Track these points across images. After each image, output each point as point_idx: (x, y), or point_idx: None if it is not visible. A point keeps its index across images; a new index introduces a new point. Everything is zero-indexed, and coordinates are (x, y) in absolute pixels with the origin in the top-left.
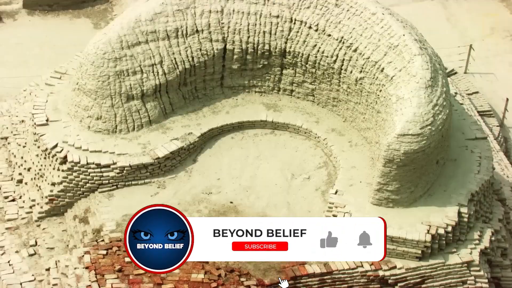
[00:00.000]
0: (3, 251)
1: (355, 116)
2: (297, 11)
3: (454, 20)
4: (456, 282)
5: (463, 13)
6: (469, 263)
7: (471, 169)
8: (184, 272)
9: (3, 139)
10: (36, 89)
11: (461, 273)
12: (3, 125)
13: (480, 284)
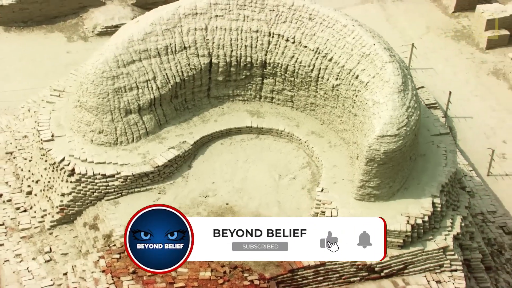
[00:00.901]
0: (21, 259)
1: (332, 119)
2: (274, 26)
3: (393, 20)
4: (434, 266)
5: (401, 14)
6: (445, 248)
7: (439, 162)
8: (193, 271)
9: (8, 153)
10: (34, 106)
11: (438, 258)
12: (7, 141)
13: (455, 267)
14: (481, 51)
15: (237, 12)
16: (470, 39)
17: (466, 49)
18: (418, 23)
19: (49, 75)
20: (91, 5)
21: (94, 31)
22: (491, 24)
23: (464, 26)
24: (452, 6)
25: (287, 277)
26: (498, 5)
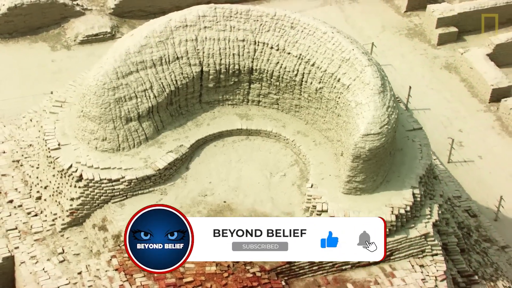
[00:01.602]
0: (36, 260)
1: (316, 119)
2: (259, 35)
3: (352, 21)
4: (417, 252)
5: (358, 14)
6: (426, 235)
7: (415, 156)
8: (199, 266)
9: (14, 161)
10: (35, 116)
11: (420, 244)
12: (13, 150)
13: (436, 252)
14: (433, 47)
15: (224, 23)
16: (422, 36)
17: (419, 46)
18: (374, 22)
19: (37, 83)
20: (72, 16)
21: (76, 40)
22: (441, 22)
23: (416, 24)
24: (404, 6)
25: (286, 268)
26: (447, 4)
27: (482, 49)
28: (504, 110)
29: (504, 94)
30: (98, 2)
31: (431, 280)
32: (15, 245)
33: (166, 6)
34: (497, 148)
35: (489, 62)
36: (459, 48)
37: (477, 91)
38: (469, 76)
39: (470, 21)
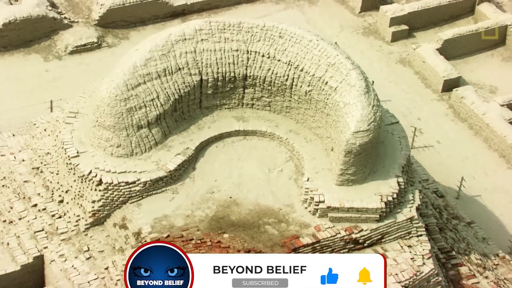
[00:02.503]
0: (65, 258)
1: (305, 119)
2: (251, 44)
3: (313, 22)
4: (404, 234)
5: (317, 16)
6: (411, 218)
7: (396, 147)
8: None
9: (34, 169)
10: (49, 126)
11: (407, 227)
12: (31, 158)
13: (420, 233)
14: (387, 44)
15: (219, 35)
16: (377, 34)
17: (375, 43)
18: (333, 23)
19: (35, 92)
20: (61, 28)
21: (66, 50)
22: (394, 21)
23: (370, 24)
24: (358, 7)
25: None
26: (397, 5)
27: (432, 45)
28: (456, 99)
29: (454, 84)
30: (83, 15)
31: (419, 258)
32: (43, 245)
33: (145, 16)
34: (452, 133)
35: (439, 56)
36: (410, 44)
37: (430, 82)
38: (422, 69)
39: (418, 19)
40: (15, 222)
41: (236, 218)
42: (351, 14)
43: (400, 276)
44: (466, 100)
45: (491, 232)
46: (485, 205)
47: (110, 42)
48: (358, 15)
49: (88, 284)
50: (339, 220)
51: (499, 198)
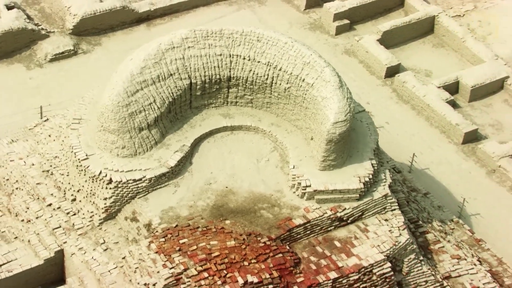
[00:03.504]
0: (84, 251)
1: (285, 112)
2: (232, 49)
3: (264, 21)
4: (380, 209)
5: (267, 15)
6: (385, 195)
7: (366, 133)
8: (221, 242)
9: (44, 171)
10: (53, 132)
11: (382, 203)
12: (40, 162)
13: (394, 207)
14: (332, 37)
15: (203, 42)
16: (322, 29)
17: (321, 37)
18: (282, 21)
19: (22, 99)
20: (39, 39)
21: (46, 58)
22: (337, 16)
23: (315, 20)
24: (303, 5)
25: (286, 235)
26: (339, 2)
27: (373, 36)
28: (398, 84)
29: (395, 71)
30: (58, 25)
31: (395, 230)
32: (63, 240)
33: (114, 23)
34: (397, 114)
35: (379, 46)
36: (352, 36)
37: (374, 70)
38: (365, 58)
39: (357, 14)
40: (33, 221)
41: (234, 206)
42: (297, 11)
43: (382, 247)
44: (408, 84)
45: (442, 200)
46: (433, 177)
47: (85, 49)
48: (304, 12)
49: (109, 273)
50: (325, 201)
51: (444, 170)
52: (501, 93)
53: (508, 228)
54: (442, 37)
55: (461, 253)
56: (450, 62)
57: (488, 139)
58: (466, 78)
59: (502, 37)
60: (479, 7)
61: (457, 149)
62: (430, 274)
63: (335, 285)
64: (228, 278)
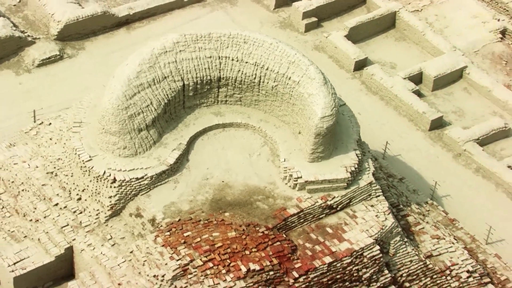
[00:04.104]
0: (93, 247)
1: (272, 109)
2: (221, 51)
3: (237, 21)
4: (366, 196)
5: (239, 15)
6: (370, 183)
7: (348, 126)
8: (222, 233)
9: (48, 173)
10: (54, 135)
11: (368, 190)
12: (44, 164)
13: (378, 194)
14: (302, 34)
15: (193, 45)
16: (292, 27)
17: (291, 34)
18: (253, 20)
19: (14, 103)
20: (26, 45)
21: (33, 64)
22: (305, 15)
23: (285, 18)
24: (272, 5)
25: (282, 224)
26: (306, 1)
27: (340, 32)
28: (367, 76)
29: (363, 64)
30: (42, 31)
31: (381, 215)
32: (71, 237)
33: (95, 28)
34: (368, 105)
35: (347, 41)
36: (320, 33)
37: (343, 64)
38: (334, 53)
39: (324, 11)
40: (41, 221)
41: (231, 199)
42: (267, 11)
43: (370, 231)
44: (376, 77)
45: (416, 184)
46: (405, 162)
47: (70, 53)
48: (273, 11)
49: (118, 267)
50: (315, 191)
51: (414, 156)
52: (461, 81)
53: (476, 207)
54: (404, 31)
55: (440, 233)
56: (412, 54)
57: (452, 125)
58: (429, 69)
59: (458, 30)
60: (435, 2)
61: (425, 135)
62: (414, 254)
63: (330, 269)
64: (232, 267)
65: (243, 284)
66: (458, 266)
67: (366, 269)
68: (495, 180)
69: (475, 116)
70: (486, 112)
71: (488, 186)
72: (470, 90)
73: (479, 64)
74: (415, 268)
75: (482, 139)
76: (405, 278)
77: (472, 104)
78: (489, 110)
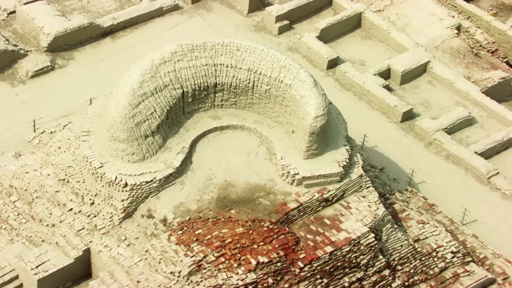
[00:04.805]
0: (110, 248)
1: (266, 111)
2: (216, 58)
3: (214, 26)
4: (357, 188)
5: (215, 21)
6: (361, 175)
7: (336, 123)
8: (230, 230)
9: (60, 180)
10: (62, 144)
11: (359, 182)
12: (55, 172)
13: (368, 185)
14: (275, 36)
15: (190, 55)
16: (266, 30)
17: (266, 37)
18: (229, 25)
19: (13, 114)
20: (19, 58)
21: (27, 75)
22: (278, 18)
23: (258, 22)
24: (246, 10)
25: (284, 218)
26: (278, 5)
27: (312, 33)
28: (340, 74)
29: (335, 63)
30: (33, 44)
31: (373, 205)
32: (88, 240)
33: (83, 38)
34: (342, 101)
35: (319, 42)
36: (292, 34)
37: (316, 63)
38: (308, 53)
39: (295, 14)
40: (57, 225)
41: (235, 197)
42: (241, 16)
43: (365, 220)
44: (348, 74)
45: (394, 173)
46: (382, 153)
47: (61, 64)
48: (247, 16)
49: (135, 266)
50: (312, 185)
51: (390, 146)
52: (425, 75)
53: (449, 192)
54: (369, 30)
55: (424, 218)
56: (378, 52)
57: (421, 116)
58: (396, 65)
59: (418, 27)
60: (395, 1)
61: (397, 127)
62: (404, 239)
63: (331, 257)
64: (242, 260)
65: (254, 276)
66: (443, 248)
67: (363, 256)
68: (464, 166)
69: (441, 107)
70: (450, 103)
71: (458, 171)
72: (434, 83)
73: (440, 58)
74: (406, 252)
75: (449, 128)
76: (397, 262)
77: (437, 96)
78: (452, 101)
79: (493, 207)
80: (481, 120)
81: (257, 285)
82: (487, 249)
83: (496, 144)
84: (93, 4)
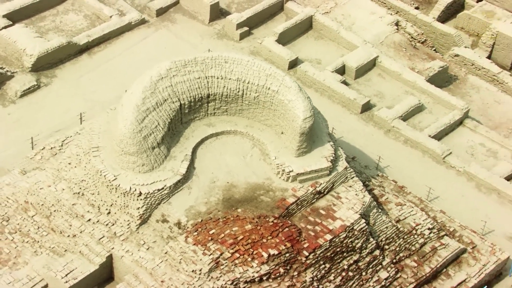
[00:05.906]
0: (131, 253)
1: (255, 115)
2: (207, 71)
3: (180, 37)
4: (344, 179)
5: (180, 32)
6: (346, 168)
7: (319, 121)
8: (240, 227)
9: (75, 194)
10: (72, 160)
11: (345, 174)
12: (69, 186)
13: (353, 176)
14: (237, 42)
15: (183, 70)
16: (227, 36)
17: (228, 43)
18: (194, 34)
19: (8, 133)
20: (6, 79)
21: (16, 95)
22: (239, 25)
23: (219, 30)
24: (207, 20)
25: (285, 213)
26: (238, 14)
27: (271, 38)
28: (301, 73)
29: (295, 63)
30: (17, 65)
31: (359, 193)
32: (110, 246)
33: (62, 57)
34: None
35: (278, 45)
36: (252, 39)
37: (278, 65)
38: (269, 56)
39: (253, 21)
40: (78, 235)
41: (239, 196)
42: (203, 25)
43: (355, 208)
44: (309, 73)
45: (363, 160)
46: (348, 143)
47: (45, 82)
48: (208, 25)
49: (158, 267)
50: (305, 180)
51: (354, 136)
52: (375, 69)
53: (411, 173)
54: (320, 31)
55: (400, 200)
56: (331, 50)
57: (377, 106)
58: (350, 62)
59: (362, 26)
60: (339, 3)
61: (358, 118)
62: (388, 221)
63: (331, 244)
64: (255, 254)
65: (267, 268)
66: (421, 226)
67: (357, 240)
68: (421, 148)
69: (393, 97)
70: (400, 92)
71: (416, 154)
72: (384, 75)
73: (386, 52)
74: (391, 233)
75: (404, 116)
76: (384, 242)
77: (388, 87)
78: (402, 91)
79: (450, 184)
80: (429, 106)
81: (271, 275)
82: (455, 222)
83: (446, 127)
84: (65, 23)
